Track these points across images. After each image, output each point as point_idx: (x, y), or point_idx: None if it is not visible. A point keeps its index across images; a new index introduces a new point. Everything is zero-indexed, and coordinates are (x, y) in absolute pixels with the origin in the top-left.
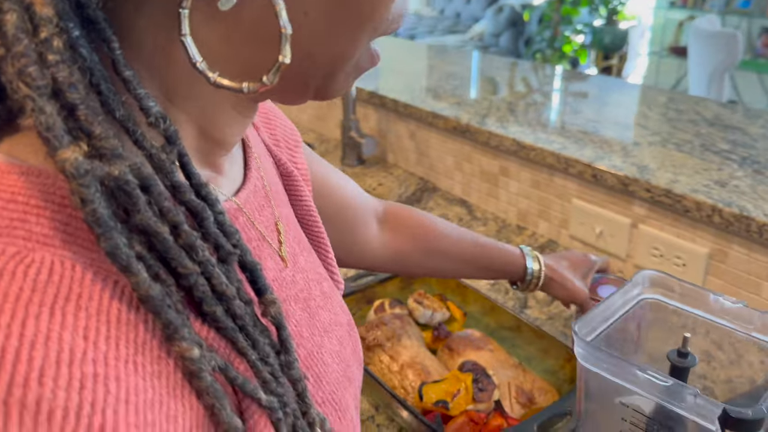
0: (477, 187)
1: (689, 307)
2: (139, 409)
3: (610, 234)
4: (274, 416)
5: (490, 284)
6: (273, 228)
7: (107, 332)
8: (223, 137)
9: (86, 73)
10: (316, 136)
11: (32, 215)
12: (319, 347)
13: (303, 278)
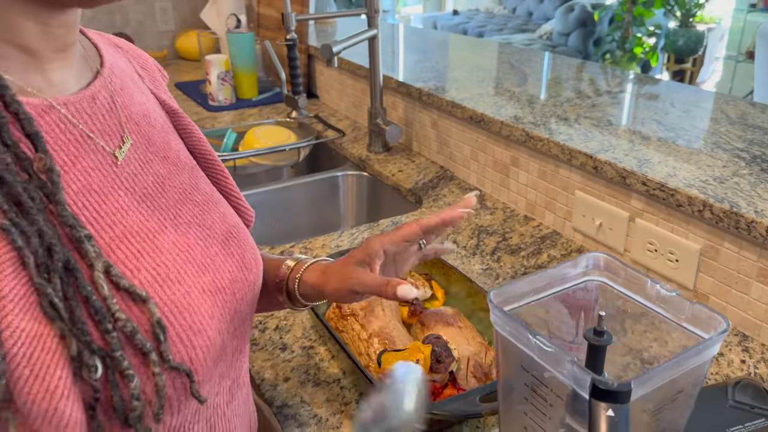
0: (491, 177)
1: (630, 291)
2: None
3: (609, 227)
4: (11, 235)
5: (482, 269)
6: (115, 137)
7: None
8: (26, 43)
9: None
10: (350, 122)
11: None
12: (155, 231)
13: (153, 181)
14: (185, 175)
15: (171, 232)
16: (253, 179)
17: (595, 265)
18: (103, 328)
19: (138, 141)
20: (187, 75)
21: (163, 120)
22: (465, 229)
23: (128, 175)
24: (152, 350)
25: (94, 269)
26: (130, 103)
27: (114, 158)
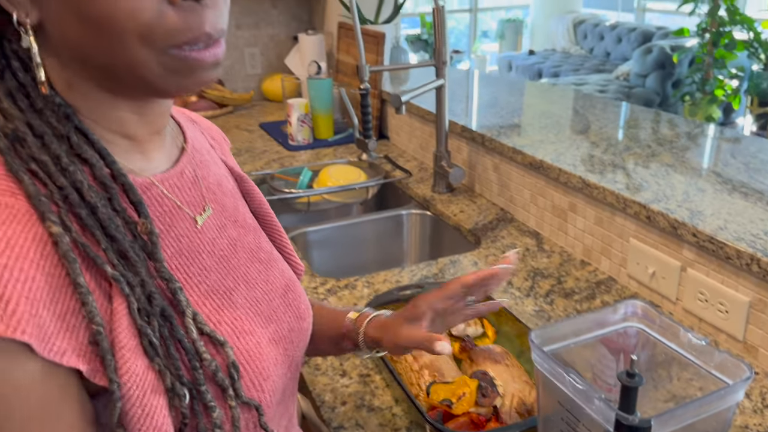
0: (549, 221)
1: (664, 338)
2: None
3: (662, 275)
4: (120, 287)
5: (534, 311)
6: (198, 206)
7: (21, 237)
8: (132, 132)
9: (22, 84)
10: (418, 163)
11: (3, 177)
12: (230, 289)
13: (227, 244)
14: (251, 236)
15: (243, 288)
16: (325, 215)
17: (634, 312)
18: (191, 365)
19: (215, 208)
20: (270, 115)
21: (232, 186)
22: (521, 270)
23: (209, 239)
24: (229, 386)
25: (185, 316)
26: (208, 174)
27: (195, 223)
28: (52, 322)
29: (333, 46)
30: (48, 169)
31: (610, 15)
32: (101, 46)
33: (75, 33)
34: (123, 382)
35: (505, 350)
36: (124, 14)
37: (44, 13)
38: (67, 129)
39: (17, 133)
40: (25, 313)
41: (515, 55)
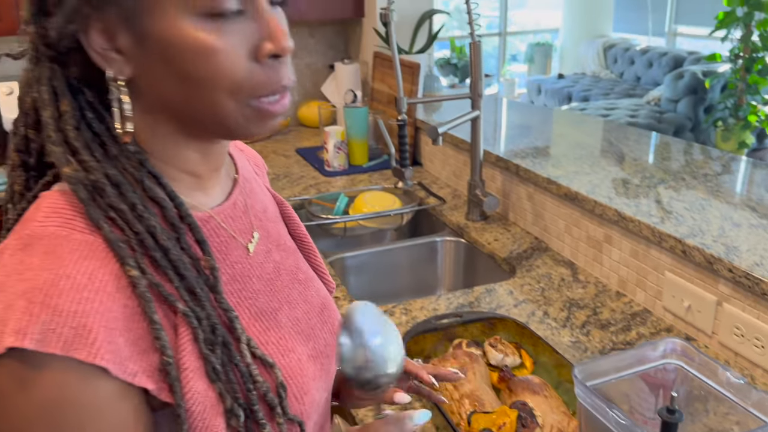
0: (584, 251)
1: (703, 376)
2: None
3: (697, 309)
4: (189, 320)
5: (571, 341)
6: (247, 233)
7: (100, 272)
8: (196, 170)
9: (99, 134)
10: (451, 190)
11: (79, 216)
12: (275, 310)
13: (272, 267)
14: (291, 259)
15: (286, 309)
16: (360, 240)
17: (673, 350)
18: (246, 387)
19: (261, 234)
20: (306, 141)
21: (274, 210)
22: (556, 301)
23: (256, 264)
24: (277, 405)
25: (240, 342)
26: (255, 202)
27: (247, 251)
28: (126, 348)
29: (368, 75)
30: (125, 217)
31: (640, 39)
32: (194, 99)
33: (170, 88)
34: (186, 401)
35: (543, 381)
36: (222, 74)
37: (138, 70)
38: (141, 174)
39: (96, 184)
40: (104, 342)
41: (544, 79)
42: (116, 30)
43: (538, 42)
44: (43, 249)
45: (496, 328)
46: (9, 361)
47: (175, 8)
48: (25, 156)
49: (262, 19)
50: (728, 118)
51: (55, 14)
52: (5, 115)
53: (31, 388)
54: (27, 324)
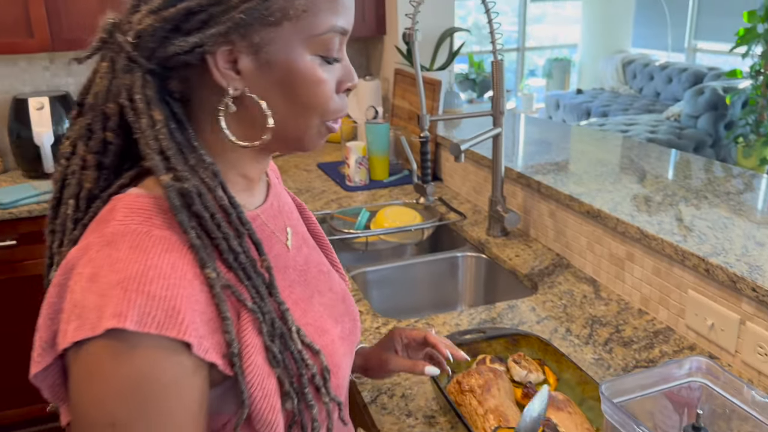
0: (606, 269)
1: (728, 394)
2: (191, 301)
3: (720, 327)
4: (255, 316)
5: (594, 359)
6: (283, 230)
7: (181, 265)
8: (251, 175)
9: (180, 144)
10: (471, 206)
11: (173, 219)
12: (309, 297)
13: (303, 260)
14: (315, 253)
15: (317, 296)
16: (381, 255)
17: (698, 368)
18: (299, 372)
19: (291, 231)
20: (328, 156)
21: (296, 212)
22: (579, 318)
23: (292, 257)
24: (322, 386)
25: (292, 332)
26: (283, 203)
27: (286, 246)
28: (202, 327)
29: (389, 91)
30: (206, 224)
31: (660, 55)
32: (292, 117)
33: (275, 107)
34: (246, 375)
35: (567, 398)
36: (322, 100)
37: (249, 88)
38: (215, 185)
39: (188, 193)
40: (189, 321)
41: (563, 94)
42: (241, 54)
43: (557, 57)
44: (128, 244)
45: (519, 345)
46: (106, 341)
47: (302, 47)
48: (101, 157)
49: (345, 62)
50: (749, 135)
51: (192, 34)
52: (36, 129)
53: (125, 364)
54: (126, 308)
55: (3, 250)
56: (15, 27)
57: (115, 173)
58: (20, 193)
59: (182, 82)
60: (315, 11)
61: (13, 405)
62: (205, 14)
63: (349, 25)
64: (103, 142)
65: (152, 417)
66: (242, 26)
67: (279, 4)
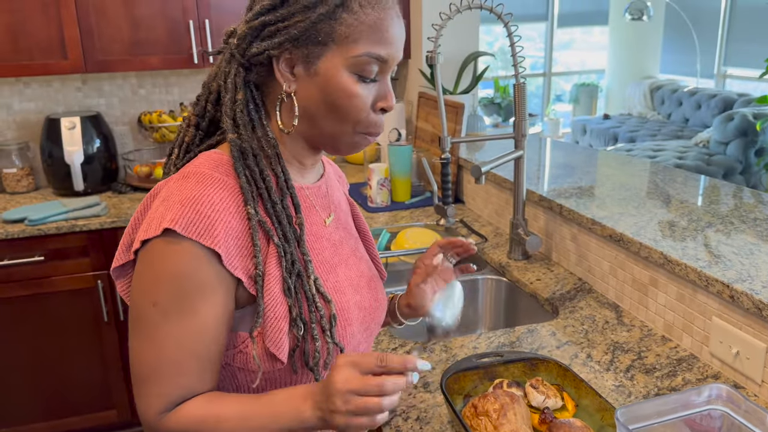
0: (629, 294)
1: (750, 423)
2: (231, 225)
3: (746, 356)
4: (280, 250)
5: (615, 385)
6: (326, 211)
7: (228, 199)
8: (303, 160)
9: (252, 120)
10: (493, 228)
11: (233, 172)
12: (335, 265)
13: (338, 238)
14: (353, 241)
15: (343, 268)
16: (401, 276)
17: (718, 396)
18: (309, 308)
19: (335, 216)
20: (351, 177)
21: (345, 207)
22: (600, 343)
23: (328, 232)
24: (328, 329)
25: (309, 278)
26: (333, 193)
27: (324, 222)
28: (234, 249)
29: (413, 114)
30: (255, 176)
31: (688, 81)
32: (329, 119)
33: (315, 108)
34: (265, 295)
35: (585, 425)
36: (354, 110)
37: (300, 89)
38: (271, 153)
39: (245, 150)
40: (222, 239)
41: (590, 119)
42: (297, 62)
43: (584, 82)
44: (196, 179)
45: (537, 369)
46: (162, 238)
47: (341, 64)
48: (200, 119)
49: (383, 86)
50: None
51: (265, 41)
52: (67, 148)
53: (172, 257)
54: (179, 217)
55: (31, 266)
56: (50, 49)
57: (207, 135)
58: (49, 210)
59: (258, 76)
60: (355, 38)
61: (39, 418)
62: (274, 27)
63: (389, 55)
64: (204, 109)
65: (183, 306)
66: (296, 39)
67: (326, 28)
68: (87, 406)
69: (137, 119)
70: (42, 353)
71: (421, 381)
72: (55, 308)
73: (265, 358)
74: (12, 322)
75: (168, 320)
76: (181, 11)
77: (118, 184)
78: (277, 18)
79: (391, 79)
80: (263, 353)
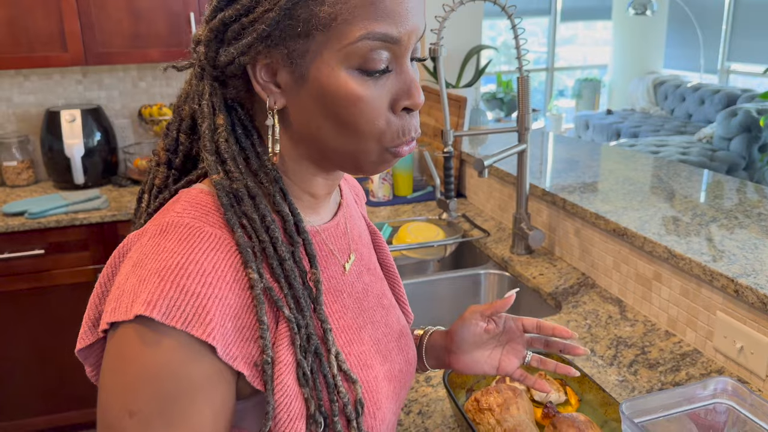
0: (632, 289)
1: (755, 417)
2: (225, 300)
3: (750, 351)
4: (291, 326)
5: (618, 380)
6: (345, 253)
7: (223, 263)
8: (314, 191)
9: (244, 148)
10: (495, 223)
11: (212, 213)
12: (360, 327)
13: (362, 287)
14: (379, 284)
15: (369, 328)
16: (403, 271)
17: (724, 390)
18: (330, 397)
19: (356, 256)
20: None
21: (367, 237)
22: (603, 338)
23: (349, 282)
24: (354, 419)
25: (330, 354)
26: (354, 226)
27: (343, 269)
28: (233, 333)
29: None
30: (255, 225)
31: (691, 76)
32: (337, 136)
33: (316, 123)
34: (276, 392)
35: (588, 419)
36: (364, 119)
37: (290, 103)
38: (274, 190)
39: (237, 193)
40: (217, 324)
41: (592, 114)
42: (279, 68)
43: (586, 77)
44: (178, 236)
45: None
46: (136, 326)
47: (334, 59)
48: (172, 155)
49: (403, 76)
50: None
51: (232, 45)
52: (67, 141)
53: (148, 352)
54: (157, 298)
55: (31, 260)
56: (50, 41)
57: (182, 173)
58: (49, 204)
59: (237, 91)
60: (346, 18)
61: (41, 412)
62: (238, 25)
63: (398, 32)
64: (176, 142)
65: (169, 414)
66: (267, 37)
67: (304, 13)
68: (87, 400)
69: (138, 112)
70: (42, 347)
71: (423, 375)
72: (55, 302)
73: None
74: (12, 316)
75: None
76: (181, 4)
77: (119, 178)
78: (238, 12)
79: (418, 60)
80: None
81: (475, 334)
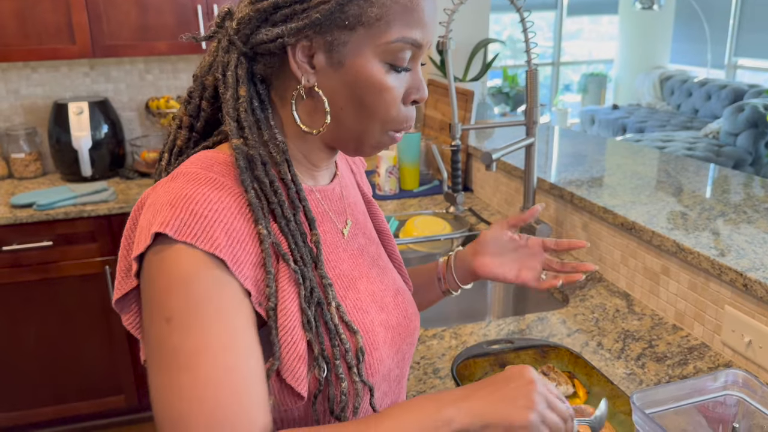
0: (640, 283)
1: (766, 409)
2: (234, 236)
3: (759, 345)
4: (296, 276)
5: (626, 373)
6: (341, 215)
7: (228, 199)
8: (315, 162)
9: (258, 120)
10: (502, 217)
11: (230, 172)
12: (355, 279)
13: (357, 247)
14: (374, 247)
15: (364, 281)
16: (410, 264)
17: (734, 382)
18: (332, 343)
19: (352, 220)
20: None
21: (362, 206)
22: (611, 332)
23: (345, 242)
24: (355, 366)
25: (331, 306)
26: (348, 195)
27: (341, 234)
28: (240, 255)
29: None
30: (265, 189)
31: (698, 71)
32: (354, 117)
33: (340, 104)
34: (281, 339)
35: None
36: (384, 105)
37: (320, 83)
38: (281, 159)
39: (253, 158)
40: (223, 242)
41: (598, 109)
42: (316, 51)
43: (592, 72)
44: (186, 178)
45: (548, 357)
46: (156, 247)
47: (371, 53)
48: (194, 120)
49: (415, 74)
50: None
51: (278, 26)
52: (74, 134)
53: (171, 264)
54: (170, 219)
55: (39, 251)
56: (58, 33)
57: (203, 137)
58: (57, 195)
59: (267, 67)
60: (388, 21)
61: (47, 403)
62: (289, 9)
63: (424, 39)
64: (198, 108)
65: (203, 316)
66: (318, 25)
67: (355, 10)
68: (95, 391)
69: (145, 105)
70: (50, 338)
71: (431, 367)
72: (63, 293)
73: (283, 396)
74: (20, 307)
75: (189, 335)
76: None
77: (126, 170)
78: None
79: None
80: (280, 391)
81: (502, 240)
